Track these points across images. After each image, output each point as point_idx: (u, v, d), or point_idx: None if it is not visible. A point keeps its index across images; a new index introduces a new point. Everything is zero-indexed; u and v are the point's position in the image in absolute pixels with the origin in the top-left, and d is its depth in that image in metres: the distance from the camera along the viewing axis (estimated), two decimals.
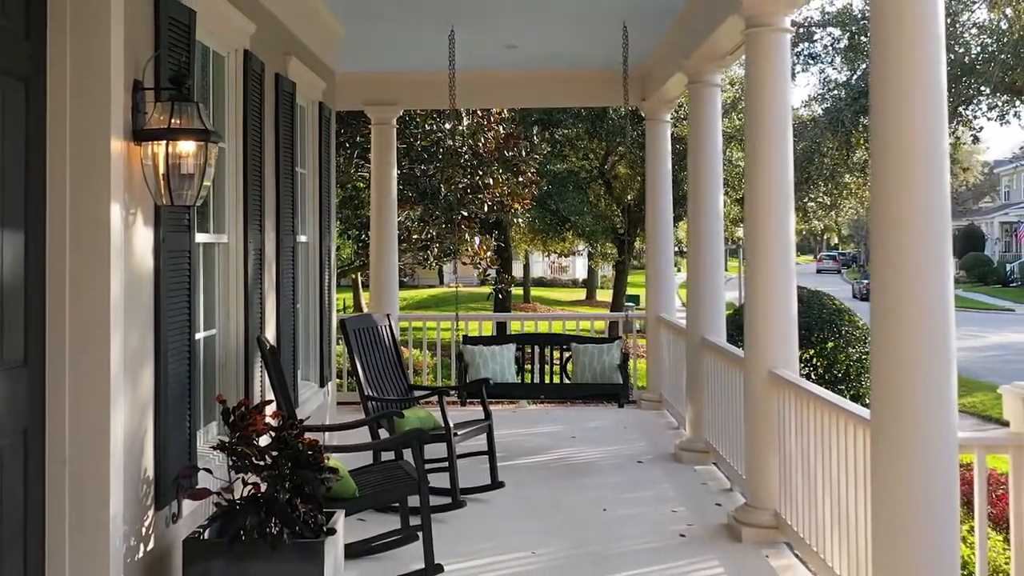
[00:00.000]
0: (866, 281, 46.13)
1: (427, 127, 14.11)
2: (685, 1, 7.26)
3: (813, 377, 9.65)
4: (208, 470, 4.05)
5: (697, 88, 7.51)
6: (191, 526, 4.07)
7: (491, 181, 14.51)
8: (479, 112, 14.75)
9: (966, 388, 17.53)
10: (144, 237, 3.82)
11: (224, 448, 3.89)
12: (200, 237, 4.57)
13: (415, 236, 15.01)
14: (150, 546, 3.83)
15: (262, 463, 3.83)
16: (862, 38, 15.38)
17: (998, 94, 15.61)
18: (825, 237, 70.35)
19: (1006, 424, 3.95)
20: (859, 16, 15.19)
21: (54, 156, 3.48)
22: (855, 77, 14.99)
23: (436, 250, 15.61)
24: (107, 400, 3.51)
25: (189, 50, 4.25)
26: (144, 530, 3.78)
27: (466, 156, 14.30)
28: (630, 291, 23.61)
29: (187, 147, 3.73)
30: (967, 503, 4.90)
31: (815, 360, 10.04)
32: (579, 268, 46.23)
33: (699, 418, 7.40)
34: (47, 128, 3.47)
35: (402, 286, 13.39)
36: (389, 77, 9.80)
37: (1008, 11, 14.83)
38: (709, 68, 7.33)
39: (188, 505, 4.15)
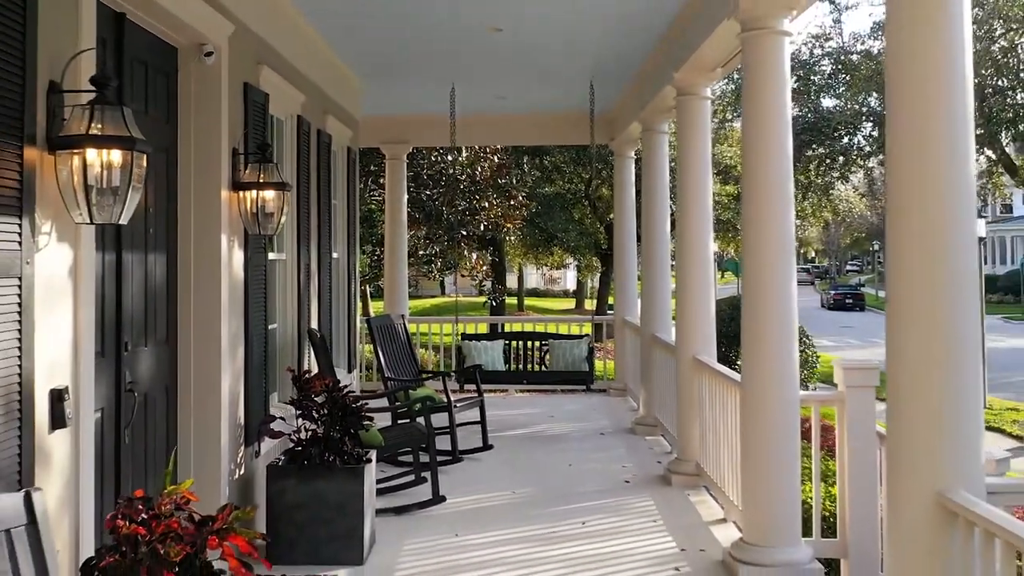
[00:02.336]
0: (832, 292, 47.60)
1: (432, 159, 15.56)
2: (640, 65, 8.70)
3: None
4: (282, 418, 5.47)
5: (649, 134, 8.94)
6: (267, 460, 5.47)
7: (487, 204, 15.98)
8: (476, 145, 16.20)
9: None
10: (239, 256, 5.24)
11: (293, 403, 5.30)
12: (270, 256, 6.00)
13: (421, 252, 16.45)
14: (243, 471, 5.24)
15: (319, 413, 5.24)
16: (811, 79, 16.78)
17: None
18: (802, 251, 71.85)
19: None
20: (807, 61, 16.66)
21: (183, 202, 4.90)
22: (801, 113, 16.42)
23: (439, 264, 17.05)
24: (218, 368, 4.92)
25: (265, 122, 5.69)
26: (239, 459, 5.19)
27: (465, 183, 15.76)
28: (611, 300, 24.98)
29: (269, 194, 5.18)
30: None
31: None
32: (570, 280, 47.65)
33: (650, 398, 8.82)
34: (179, 183, 4.89)
35: (408, 296, 14.80)
36: (400, 120, 11.21)
37: None
38: (657, 120, 8.76)
39: (266, 445, 5.56)
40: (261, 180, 5.15)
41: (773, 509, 4.95)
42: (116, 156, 3.17)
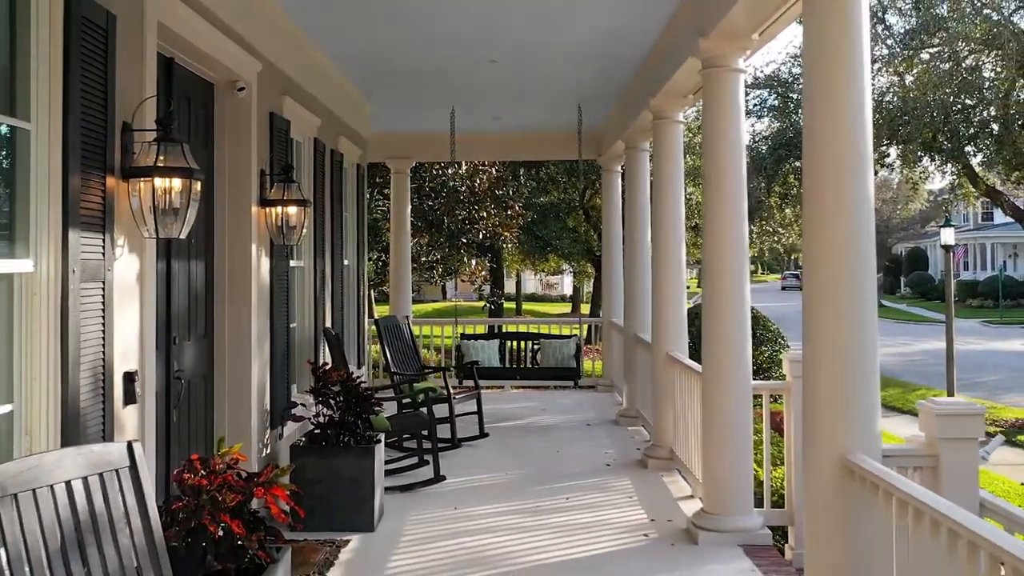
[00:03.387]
0: None
1: (434, 172, 16.24)
2: (622, 91, 9.35)
3: None
4: (303, 404, 6.11)
5: (632, 152, 9.60)
6: (288, 441, 6.10)
7: (485, 214, 16.65)
8: (474, 160, 16.87)
9: (882, 384, 19.59)
10: (266, 264, 5.89)
11: (312, 391, 5.94)
12: (291, 263, 6.64)
13: (423, 259, 17.11)
14: (268, 450, 5.88)
15: (335, 400, 5.88)
16: (789, 96, 17.42)
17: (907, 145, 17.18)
18: (793, 257, 72.45)
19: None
20: (787, 79, 17.30)
21: (219, 217, 5.55)
22: (782, 128, 17.02)
23: (440, 270, 17.72)
24: (248, 360, 5.56)
25: (288, 146, 6.34)
26: (266, 439, 5.83)
27: (464, 194, 16.43)
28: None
29: (292, 210, 5.83)
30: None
31: None
32: (567, 285, 48.29)
33: (632, 392, 9.46)
34: (215, 200, 5.54)
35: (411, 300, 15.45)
36: (405, 137, 11.87)
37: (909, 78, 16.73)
38: (639, 139, 9.41)
39: (288, 428, 6.20)
40: (285, 197, 5.81)
41: (729, 483, 5.59)
42: (177, 183, 3.82)
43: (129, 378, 3.84)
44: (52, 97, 3.31)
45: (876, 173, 21.06)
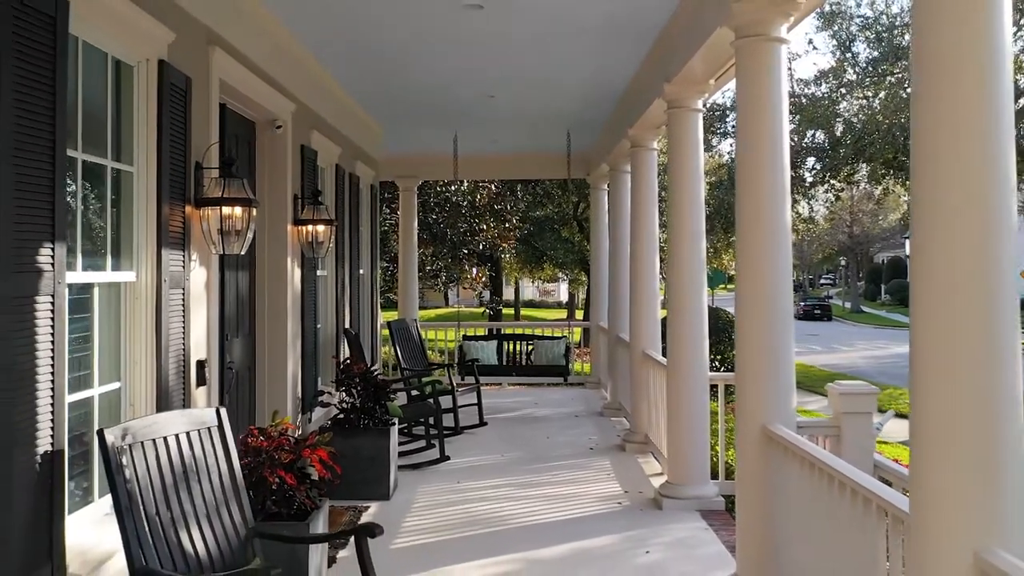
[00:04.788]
0: (802, 303, 49.11)
1: (438, 189, 17.13)
2: (604, 120, 10.21)
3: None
4: (330, 392, 6.96)
5: (615, 173, 10.45)
6: (316, 424, 6.94)
7: (485, 227, 17.52)
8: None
9: None
10: (298, 273, 6.73)
11: (336, 381, 6.79)
12: (318, 272, 7.49)
13: (428, 267, 17.99)
14: (300, 432, 6.70)
15: (356, 390, 6.71)
16: None
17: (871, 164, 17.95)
18: None
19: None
20: None
21: (260, 234, 6.39)
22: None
23: (444, 278, 18.59)
24: (284, 355, 6.41)
25: (315, 173, 7.19)
26: (298, 423, 6.67)
27: (466, 208, 17.30)
28: None
29: (320, 228, 6.69)
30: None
31: (711, 357, 12.90)
32: (563, 292, 49.15)
33: (616, 387, 10.30)
34: (257, 220, 6.38)
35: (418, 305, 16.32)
36: (412, 158, 12.71)
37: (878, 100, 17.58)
38: (621, 162, 10.26)
39: (316, 413, 7.04)
40: (314, 217, 6.66)
41: (688, 458, 6.42)
42: (239, 210, 4.67)
43: (200, 365, 4.69)
44: (148, 146, 4.16)
45: (842, 189, 21.98)
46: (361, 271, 9.68)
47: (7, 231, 2.91)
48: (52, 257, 3.16)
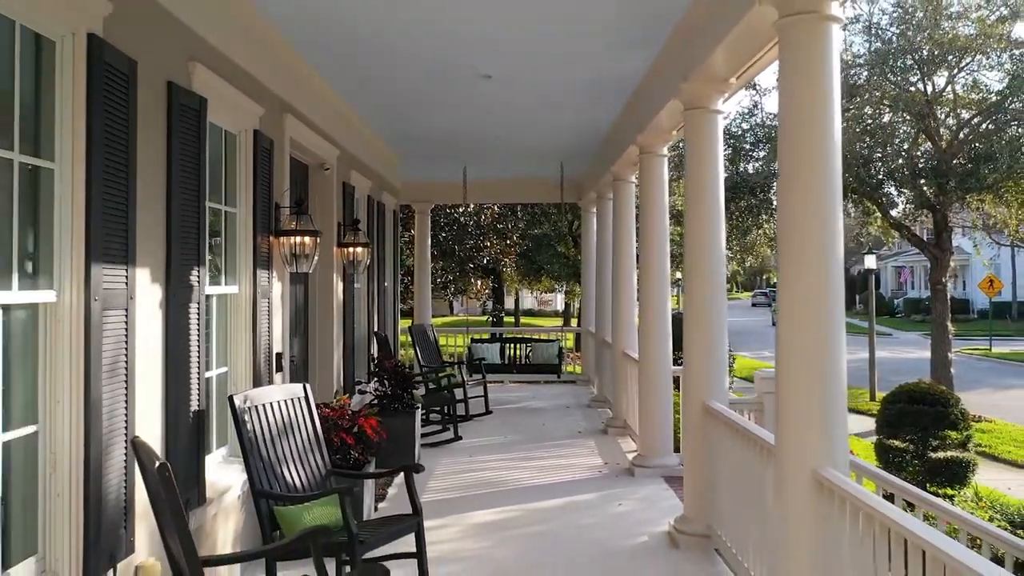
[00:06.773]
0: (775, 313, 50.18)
1: (447, 210, 18.37)
2: (591, 154, 11.46)
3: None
4: (366, 381, 8.17)
5: (602, 200, 11.69)
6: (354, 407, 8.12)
7: (488, 244, 18.77)
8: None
9: None
10: (341, 286, 7.96)
11: (371, 373, 8.00)
12: (355, 285, 8.71)
13: (437, 279, 19.22)
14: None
15: (388, 379, 7.93)
16: (739, 148, 19.56)
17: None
18: (764, 276, 74.58)
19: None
20: (736, 133, 19.50)
21: None
22: (728, 175, 19.18)
23: (452, 289, 19.83)
24: (331, 352, 7.63)
25: (353, 204, 8.43)
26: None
27: (471, 227, 18.55)
28: None
29: (359, 250, 7.93)
30: None
31: (675, 355, 14.11)
32: (559, 302, 50.35)
33: (602, 383, 11.51)
34: None
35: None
36: (426, 184, 13.96)
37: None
38: (606, 191, 11.49)
39: (355, 399, 8.24)
40: (354, 241, 7.89)
41: (655, 435, 7.64)
42: (307, 239, 5.90)
43: (279, 357, 5.91)
44: (247, 193, 5.40)
45: None
46: (386, 284, 10.91)
47: (179, 259, 4.14)
48: (198, 275, 4.39)
